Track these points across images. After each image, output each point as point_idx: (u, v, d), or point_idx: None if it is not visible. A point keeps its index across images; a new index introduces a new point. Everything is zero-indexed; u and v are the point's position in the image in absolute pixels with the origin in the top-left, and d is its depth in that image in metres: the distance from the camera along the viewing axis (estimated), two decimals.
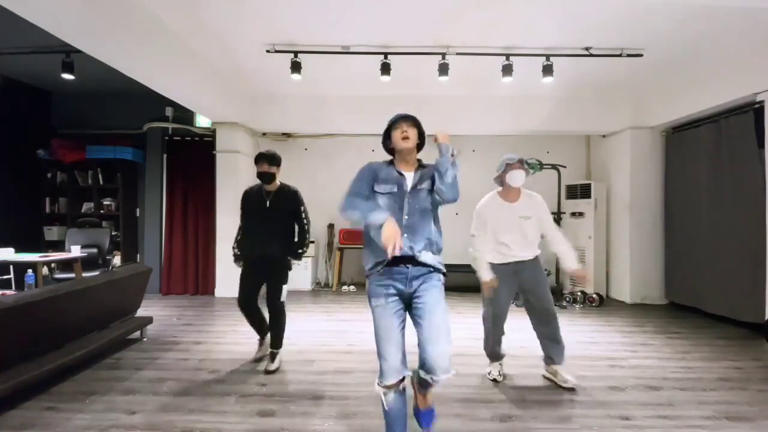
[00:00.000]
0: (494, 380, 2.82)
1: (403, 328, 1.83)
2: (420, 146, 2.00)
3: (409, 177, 1.93)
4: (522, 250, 2.70)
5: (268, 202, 3.07)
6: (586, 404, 2.48)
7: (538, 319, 2.78)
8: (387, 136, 2.02)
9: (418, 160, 2.02)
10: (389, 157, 2.06)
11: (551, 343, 2.78)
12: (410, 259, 1.81)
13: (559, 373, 2.76)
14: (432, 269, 1.86)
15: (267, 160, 3.04)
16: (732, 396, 2.60)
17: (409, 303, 1.85)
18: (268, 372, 2.94)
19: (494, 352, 2.87)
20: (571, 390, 2.66)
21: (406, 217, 1.85)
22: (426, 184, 1.91)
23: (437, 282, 1.86)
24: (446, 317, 1.80)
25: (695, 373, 2.98)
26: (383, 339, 1.78)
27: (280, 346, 3.12)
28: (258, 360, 3.21)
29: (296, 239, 3.16)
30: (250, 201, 3.17)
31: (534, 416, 2.33)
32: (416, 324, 1.81)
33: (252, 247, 3.10)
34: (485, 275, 2.65)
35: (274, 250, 3.03)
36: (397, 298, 1.82)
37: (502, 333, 2.83)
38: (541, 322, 2.77)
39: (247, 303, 3.14)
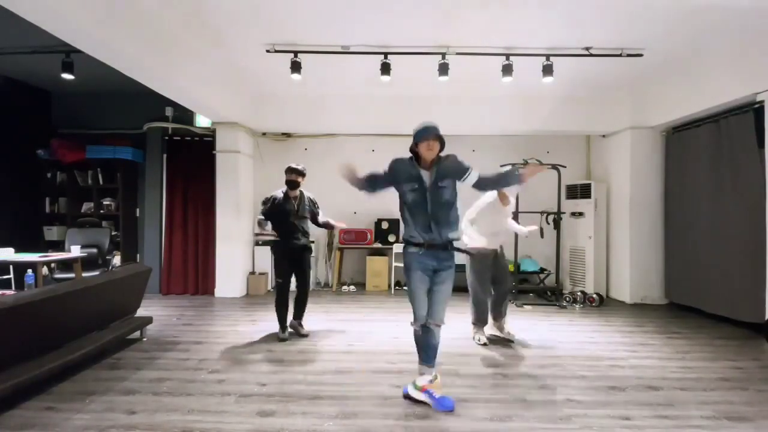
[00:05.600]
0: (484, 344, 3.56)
1: (427, 292, 2.49)
2: (440, 149, 2.47)
3: (427, 174, 2.42)
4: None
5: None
6: (586, 404, 2.47)
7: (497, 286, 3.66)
8: (414, 143, 2.45)
9: (436, 157, 2.46)
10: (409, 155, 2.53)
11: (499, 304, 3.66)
12: (441, 245, 2.44)
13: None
14: (452, 255, 2.50)
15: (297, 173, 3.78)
16: (732, 396, 2.60)
17: (433, 273, 2.49)
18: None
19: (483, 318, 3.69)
20: (568, 390, 2.66)
21: (430, 207, 2.39)
22: (447, 182, 2.42)
23: (453, 268, 2.52)
24: (449, 291, 2.52)
25: (695, 373, 2.98)
26: (416, 298, 2.48)
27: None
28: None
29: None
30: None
31: (534, 416, 2.32)
32: (430, 290, 2.49)
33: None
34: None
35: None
36: (427, 272, 2.47)
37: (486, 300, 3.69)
38: (499, 290, 3.67)
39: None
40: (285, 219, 3.67)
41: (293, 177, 3.71)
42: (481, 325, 3.65)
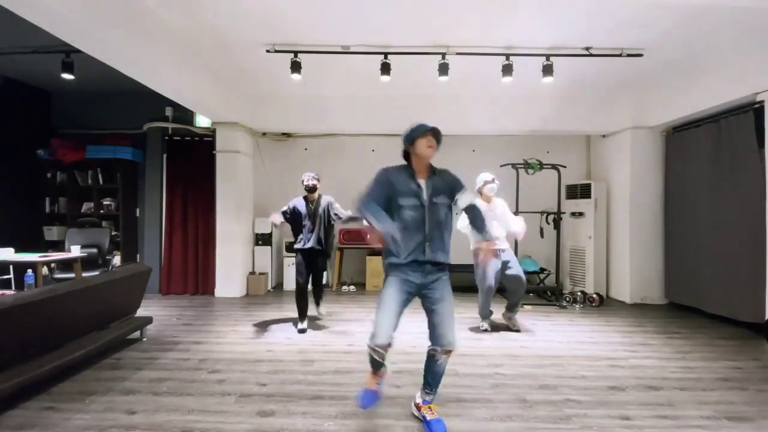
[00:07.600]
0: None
1: (402, 310, 2.12)
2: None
3: (424, 185, 2.14)
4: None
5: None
6: (586, 404, 2.47)
7: (509, 284, 3.91)
8: (409, 142, 2.15)
9: (430, 165, 2.19)
10: (402, 162, 2.23)
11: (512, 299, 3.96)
12: (428, 261, 2.11)
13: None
14: (442, 268, 2.17)
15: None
16: (732, 396, 2.60)
17: (419, 293, 2.16)
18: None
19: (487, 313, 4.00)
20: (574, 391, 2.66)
21: (428, 227, 2.10)
22: (442, 199, 2.15)
23: (445, 278, 2.20)
24: (452, 306, 2.16)
25: (695, 373, 2.98)
26: (383, 308, 2.08)
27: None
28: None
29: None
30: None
31: (534, 416, 2.33)
32: (429, 311, 2.16)
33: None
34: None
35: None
36: (410, 286, 2.12)
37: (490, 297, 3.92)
38: (513, 286, 3.90)
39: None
40: (301, 221, 3.97)
41: (312, 182, 3.96)
42: (482, 318, 4.02)
